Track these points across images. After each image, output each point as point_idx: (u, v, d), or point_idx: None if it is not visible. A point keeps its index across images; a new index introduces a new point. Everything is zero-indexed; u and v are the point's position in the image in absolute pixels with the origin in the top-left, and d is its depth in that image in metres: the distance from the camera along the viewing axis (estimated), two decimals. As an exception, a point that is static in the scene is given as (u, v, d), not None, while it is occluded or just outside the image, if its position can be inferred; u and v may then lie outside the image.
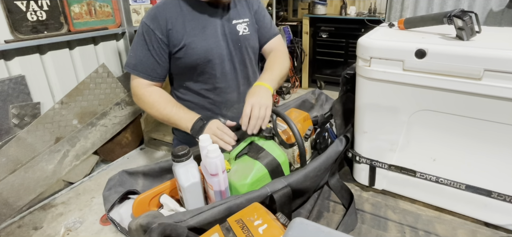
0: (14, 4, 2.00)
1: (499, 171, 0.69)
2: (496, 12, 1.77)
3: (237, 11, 1.09)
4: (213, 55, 1.04)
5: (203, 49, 1.02)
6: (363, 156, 0.85)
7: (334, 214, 0.81)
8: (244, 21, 1.09)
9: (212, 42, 1.03)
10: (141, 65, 1.03)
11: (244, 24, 1.09)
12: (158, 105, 1.03)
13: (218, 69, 1.07)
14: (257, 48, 1.16)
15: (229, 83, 1.10)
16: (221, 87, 1.10)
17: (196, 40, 1.02)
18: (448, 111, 0.69)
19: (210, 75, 1.07)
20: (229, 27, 1.06)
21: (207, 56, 1.03)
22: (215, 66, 1.06)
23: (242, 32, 1.08)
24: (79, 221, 2.01)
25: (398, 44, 0.70)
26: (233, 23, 1.07)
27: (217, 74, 1.07)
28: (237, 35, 1.08)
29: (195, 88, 1.11)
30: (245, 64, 1.13)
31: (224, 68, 1.07)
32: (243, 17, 1.09)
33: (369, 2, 4.01)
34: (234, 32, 1.07)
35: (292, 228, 0.46)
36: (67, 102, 2.29)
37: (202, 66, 1.05)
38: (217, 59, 1.05)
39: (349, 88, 0.98)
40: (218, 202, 0.65)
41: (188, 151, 0.71)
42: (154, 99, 1.03)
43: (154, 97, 1.04)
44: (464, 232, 0.73)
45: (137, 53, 1.03)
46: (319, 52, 4.19)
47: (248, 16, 1.11)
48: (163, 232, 0.58)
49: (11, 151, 2.02)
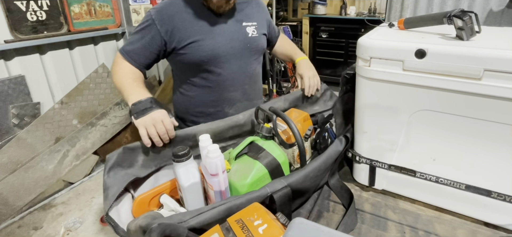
0: (14, 4, 2.00)
1: (499, 171, 0.69)
2: (496, 12, 1.77)
3: (247, 14, 1.14)
4: (219, 54, 1.06)
5: (210, 47, 1.04)
6: (363, 156, 0.85)
7: (334, 214, 0.81)
8: (253, 24, 1.14)
9: (220, 40, 1.06)
10: (131, 49, 1.03)
11: (253, 27, 1.14)
12: (122, 71, 1.01)
13: (225, 67, 1.09)
14: (264, 50, 1.21)
15: (234, 82, 1.13)
16: (226, 85, 1.12)
17: (204, 38, 1.04)
18: (448, 111, 0.69)
19: (216, 72, 1.09)
20: (239, 28, 1.10)
21: (214, 54, 1.06)
22: (221, 64, 1.08)
23: (251, 34, 1.13)
24: (79, 221, 2.01)
25: (398, 44, 0.70)
26: (243, 25, 1.12)
27: (223, 72, 1.10)
28: (247, 36, 1.12)
29: (199, 84, 1.12)
30: (252, 64, 1.17)
31: (230, 66, 1.10)
32: (252, 20, 1.14)
33: (369, 2, 4.01)
34: (244, 33, 1.11)
35: (292, 228, 0.46)
36: (67, 102, 2.29)
37: (208, 63, 1.07)
38: (224, 58, 1.08)
39: (349, 88, 0.98)
40: (218, 203, 0.65)
41: (188, 151, 0.71)
42: (123, 67, 1.03)
43: (125, 66, 1.03)
44: (464, 232, 0.73)
45: (132, 38, 1.05)
46: (319, 52, 4.19)
47: (256, 20, 1.16)
48: (163, 232, 0.58)
49: (11, 151, 2.02)
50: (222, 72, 1.10)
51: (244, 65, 1.14)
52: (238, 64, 1.12)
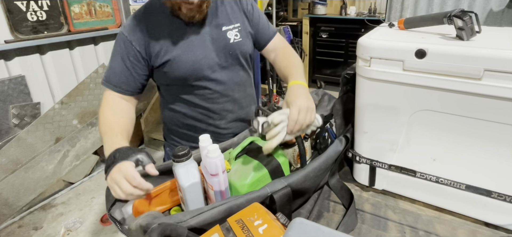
0: (14, 4, 2.00)
1: (499, 171, 0.69)
2: (496, 12, 1.77)
3: (228, 16, 1.00)
4: (202, 67, 0.97)
5: (190, 62, 0.95)
6: (363, 156, 0.85)
7: (334, 214, 0.81)
8: (235, 27, 1.01)
9: (200, 53, 0.96)
10: (114, 77, 0.94)
11: (235, 30, 1.00)
12: (102, 116, 0.91)
13: (210, 80, 1.00)
14: (250, 53, 1.07)
15: (222, 93, 1.03)
16: (214, 98, 1.03)
17: (182, 53, 0.94)
18: (448, 111, 0.69)
19: (201, 86, 1.00)
20: (219, 35, 0.98)
21: (196, 68, 0.96)
22: (205, 77, 0.99)
23: (233, 39, 1.00)
24: (79, 221, 2.02)
25: (398, 44, 0.70)
26: (223, 30, 0.99)
27: (209, 85, 1.00)
28: (228, 42, 0.99)
29: (186, 99, 1.03)
30: (238, 72, 1.06)
31: (216, 77, 1.00)
32: (234, 22, 1.01)
33: (369, 2, 4.01)
34: (224, 39, 0.99)
35: (292, 228, 0.46)
36: (67, 103, 2.29)
37: (191, 79, 0.98)
38: (208, 70, 0.98)
39: (349, 89, 0.98)
40: (218, 203, 0.65)
41: (188, 151, 0.71)
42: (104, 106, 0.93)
43: (107, 103, 0.93)
44: (464, 232, 0.73)
45: (112, 65, 0.95)
46: (319, 52, 4.19)
47: (240, 21, 1.02)
48: (163, 232, 0.59)
49: (11, 151, 2.02)
50: (207, 85, 1.00)
51: (231, 74, 1.03)
52: (224, 74, 1.01)
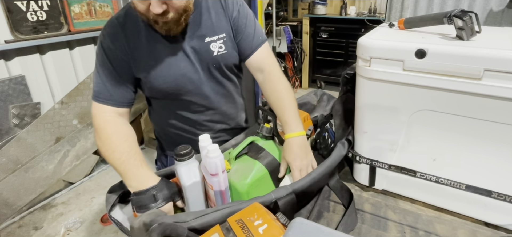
0: (14, 4, 2.00)
1: (499, 171, 0.69)
2: (496, 12, 1.77)
3: (212, 26, 0.92)
4: (185, 82, 0.92)
5: (172, 78, 0.90)
6: (363, 156, 0.85)
7: (334, 214, 0.81)
8: (220, 38, 0.92)
9: (183, 67, 0.90)
10: (106, 91, 0.85)
11: (220, 42, 0.92)
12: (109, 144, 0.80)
13: (195, 94, 0.95)
14: (236, 64, 1.00)
15: (208, 106, 0.99)
16: (201, 110, 0.99)
17: (164, 67, 0.88)
18: (448, 111, 0.69)
19: (186, 101, 0.96)
20: (202, 47, 0.91)
21: (178, 84, 0.91)
22: (190, 92, 0.94)
23: (217, 52, 0.92)
24: (79, 221, 2.02)
25: (398, 44, 0.70)
26: (206, 41, 0.91)
27: (194, 100, 0.96)
28: (212, 55, 0.92)
29: (172, 111, 1.00)
30: (225, 84, 1.00)
31: (201, 91, 0.95)
32: (219, 33, 0.92)
33: (369, 2, 4.01)
34: (208, 52, 0.92)
35: (292, 228, 0.46)
36: (67, 102, 2.29)
37: (175, 94, 0.93)
38: (191, 85, 0.93)
39: (349, 89, 0.99)
40: (221, 206, 0.66)
41: (190, 150, 0.71)
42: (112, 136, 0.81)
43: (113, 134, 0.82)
44: (464, 232, 0.73)
45: (100, 78, 0.86)
46: (319, 52, 4.19)
47: (225, 30, 0.93)
48: (163, 232, 0.59)
49: (11, 151, 2.02)
50: (192, 100, 0.95)
51: (217, 88, 0.98)
52: (210, 87, 0.96)
